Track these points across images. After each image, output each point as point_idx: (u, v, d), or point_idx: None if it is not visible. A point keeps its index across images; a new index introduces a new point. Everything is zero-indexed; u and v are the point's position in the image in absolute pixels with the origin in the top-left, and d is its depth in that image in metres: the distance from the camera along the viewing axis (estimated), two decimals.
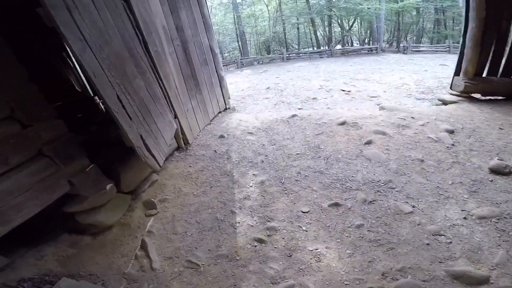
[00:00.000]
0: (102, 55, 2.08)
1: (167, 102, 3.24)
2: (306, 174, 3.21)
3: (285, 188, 3.05)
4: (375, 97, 6.24)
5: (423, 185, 2.88)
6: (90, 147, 3.28)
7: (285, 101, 6.36)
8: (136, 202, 2.93)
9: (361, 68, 10.15)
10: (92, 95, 4.91)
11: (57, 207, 2.23)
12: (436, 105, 5.30)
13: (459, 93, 4.99)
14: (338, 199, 2.81)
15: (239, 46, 20.76)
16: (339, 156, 3.46)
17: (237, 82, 9.89)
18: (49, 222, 2.28)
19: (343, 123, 4.18)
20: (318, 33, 20.97)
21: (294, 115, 4.66)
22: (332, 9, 17.50)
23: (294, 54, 15.79)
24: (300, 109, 5.63)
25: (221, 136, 4.16)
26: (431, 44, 18.13)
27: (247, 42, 20.90)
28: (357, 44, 22.66)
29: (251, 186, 3.15)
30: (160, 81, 3.12)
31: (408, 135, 3.82)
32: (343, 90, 6.73)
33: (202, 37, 4.53)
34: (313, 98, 6.32)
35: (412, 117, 4.26)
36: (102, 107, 4.66)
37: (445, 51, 14.35)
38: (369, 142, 3.65)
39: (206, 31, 4.70)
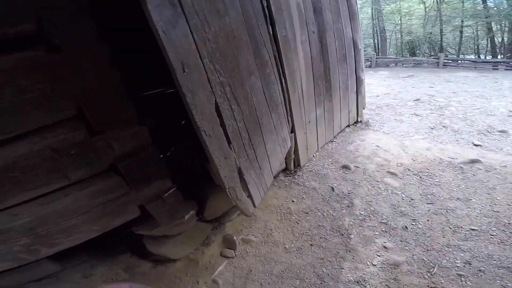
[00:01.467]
0: (205, 34, 1.28)
1: (286, 110, 2.30)
2: (482, 268, 1.80)
3: (433, 283, 1.76)
4: None
5: None
6: (188, 146, 2.80)
7: (448, 126, 4.30)
8: (215, 234, 2.26)
9: None
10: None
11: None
12: None
13: None
14: None
15: (375, 43, 18.03)
16: None
17: (370, 84, 8.00)
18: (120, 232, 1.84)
19: None
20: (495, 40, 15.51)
21: (474, 161, 2.84)
22: None
23: (450, 61, 11.96)
24: (477, 145, 3.57)
25: (345, 167, 2.92)
26: None
27: (387, 40, 17.83)
28: None
29: (375, 265, 1.93)
30: (283, 80, 2.20)
31: None
32: None
33: (345, 26, 3.34)
34: (500, 131, 3.98)
35: None
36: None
37: None
38: None
39: (351, 18, 3.47)
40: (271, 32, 1.97)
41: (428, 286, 1.74)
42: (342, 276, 1.88)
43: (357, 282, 1.83)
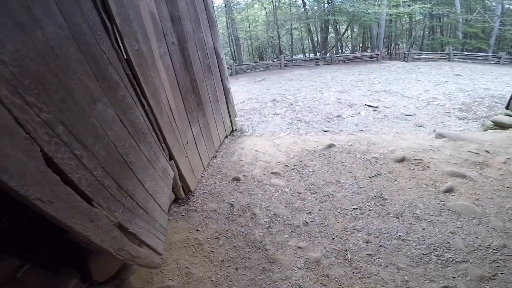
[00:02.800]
0: None
1: (157, 137, 1.93)
2: (381, 243, 2.06)
3: (355, 268, 1.89)
4: (409, 115, 5.22)
5: None
6: None
7: (302, 119, 5.15)
8: None
9: (373, 77, 9.21)
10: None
11: None
12: (493, 129, 4.33)
13: None
14: (442, 279, 1.76)
15: (231, 51, 19.53)
16: (417, 212, 2.34)
17: (235, 92, 8.58)
18: None
19: (402, 160, 3.06)
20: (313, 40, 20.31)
21: (330, 145, 3.46)
22: (336, 13, 16.79)
23: (287, 61, 14.73)
24: (326, 131, 4.45)
25: (236, 179, 2.87)
26: (426, 51, 17.80)
27: (241, 47, 19.69)
28: (347, 51, 22.26)
29: (300, 268, 1.95)
30: (144, 102, 1.82)
31: (494, 177, 2.76)
32: (369, 106, 5.65)
33: (206, 35, 3.26)
34: (337, 116, 5.16)
35: (487, 151, 3.21)
36: None
37: (445, 59, 14.11)
38: (449, 190, 2.57)
39: (210, 27, 3.45)
40: (119, 47, 1.56)
41: (353, 272, 1.84)
42: None
43: None
